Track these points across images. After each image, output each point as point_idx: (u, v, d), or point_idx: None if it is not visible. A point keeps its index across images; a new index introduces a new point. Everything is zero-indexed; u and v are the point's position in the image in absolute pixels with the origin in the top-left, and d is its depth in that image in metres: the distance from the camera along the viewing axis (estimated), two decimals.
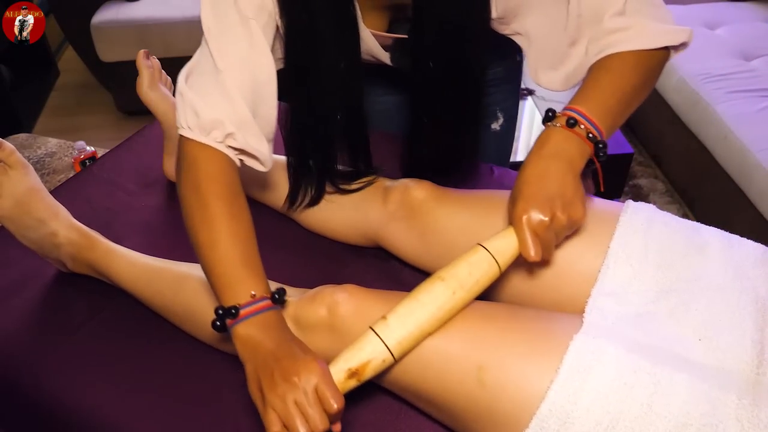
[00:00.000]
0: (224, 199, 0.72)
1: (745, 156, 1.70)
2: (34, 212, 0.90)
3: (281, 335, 0.65)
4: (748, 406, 0.58)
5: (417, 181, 0.91)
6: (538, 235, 0.67)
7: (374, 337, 0.64)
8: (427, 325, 0.66)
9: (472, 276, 0.67)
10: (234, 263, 0.68)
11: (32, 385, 0.84)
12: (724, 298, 0.68)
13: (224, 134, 0.74)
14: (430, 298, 0.66)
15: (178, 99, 0.75)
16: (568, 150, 0.70)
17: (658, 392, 0.60)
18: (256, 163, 0.79)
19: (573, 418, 0.60)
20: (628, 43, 0.74)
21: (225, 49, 0.74)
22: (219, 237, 0.69)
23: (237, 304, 0.65)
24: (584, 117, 0.71)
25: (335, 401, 0.59)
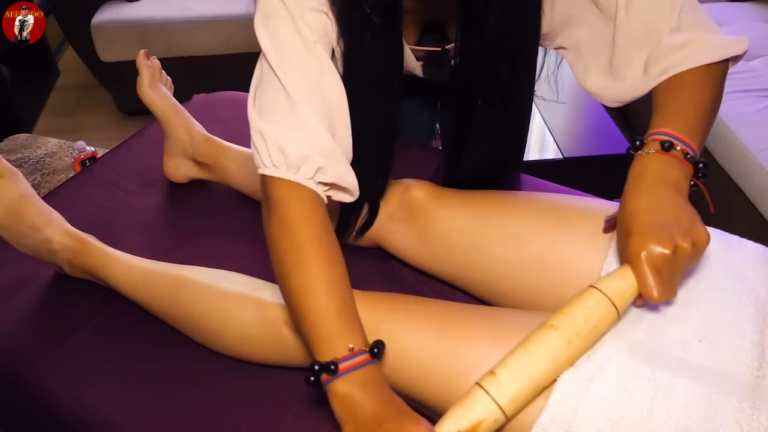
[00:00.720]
0: (318, 242, 0.66)
1: (745, 156, 1.70)
2: (27, 219, 0.89)
3: (382, 395, 0.60)
4: (748, 410, 0.58)
5: (417, 181, 0.91)
6: (660, 271, 0.61)
7: (484, 395, 0.58)
8: (540, 380, 0.60)
9: (589, 323, 0.61)
10: (331, 314, 0.63)
11: (32, 385, 0.84)
12: (724, 300, 0.67)
13: (314, 169, 0.68)
14: (543, 349, 0.60)
15: (256, 137, 0.69)
16: (672, 174, 0.66)
17: (659, 397, 0.60)
18: (345, 195, 0.74)
19: (574, 427, 0.60)
20: (694, 59, 0.72)
21: (295, 77, 0.69)
22: (314, 284, 0.64)
23: (335, 358, 0.60)
24: (676, 138, 0.68)
25: None
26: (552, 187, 1.05)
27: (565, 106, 2.04)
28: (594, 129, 1.96)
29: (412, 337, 0.69)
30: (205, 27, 2.32)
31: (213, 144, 1.10)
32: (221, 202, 1.12)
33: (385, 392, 0.60)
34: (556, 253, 0.76)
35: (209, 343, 0.83)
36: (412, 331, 0.69)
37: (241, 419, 0.76)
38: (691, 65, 0.73)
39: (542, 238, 0.78)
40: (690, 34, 0.73)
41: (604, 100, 0.81)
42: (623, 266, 0.64)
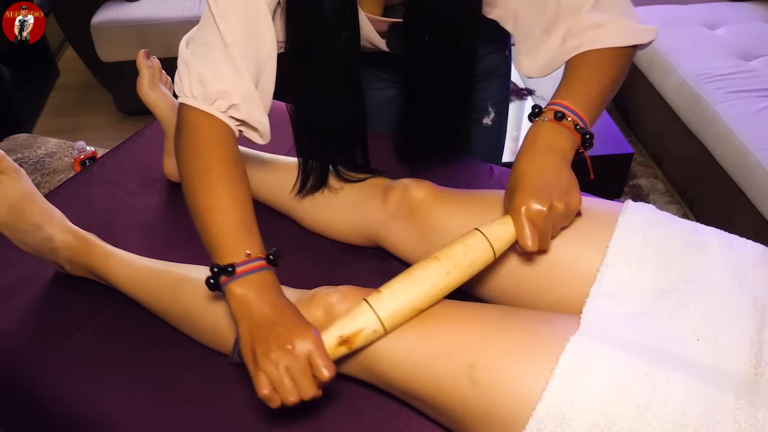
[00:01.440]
0: (225, 165, 0.73)
1: (745, 156, 1.70)
2: (29, 217, 0.90)
3: (277, 299, 0.66)
4: (746, 407, 0.58)
5: (417, 180, 0.91)
6: (536, 225, 0.69)
7: (367, 308, 0.67)
8: (419, 301, 0.68)
9: (467, 257, 0.69)
10: (232, 225, 0.70)
11: (32, 384, 0.84)
12: (723, 299, 0.68)
13: (228, 105, 0.75)
14: (424, 275, 0.68)
15: (181, 67, 0.77)
16: (559, 142, 0.74)
17: (655, 393, 0.60)
18: (255, 135, 0.81)
19: (570, 420, 0.60)
20: (605, 40, 0.78)
21: (232, 22, 0.75)
22: (218, 200, 0.71)
23: (233, 262, 0.66)
24: (570, 110, 0.75)
25: (327, 370, 0.61)
26: None
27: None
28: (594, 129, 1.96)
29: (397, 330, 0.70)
30: None
31: None
32: None
33: (279, 298, 0.67)
34: (556, 252, 0.76)
35: (209, 342, 0.83)
36: None
37: (242, 419, 0.76)
38: (601, 45, 0.78)
39: None
40: (607, 15, 0.79)
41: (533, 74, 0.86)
42: (505, 216, 0.72)
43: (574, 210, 0.72)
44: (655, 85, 2.17)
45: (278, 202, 1.02)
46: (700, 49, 2.09)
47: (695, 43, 2.14)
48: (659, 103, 2.14)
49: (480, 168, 1.12)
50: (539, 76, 0.86)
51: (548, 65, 0.84)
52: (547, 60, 0.83)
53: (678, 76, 2.02)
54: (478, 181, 1.09)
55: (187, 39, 0.79)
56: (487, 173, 1.11)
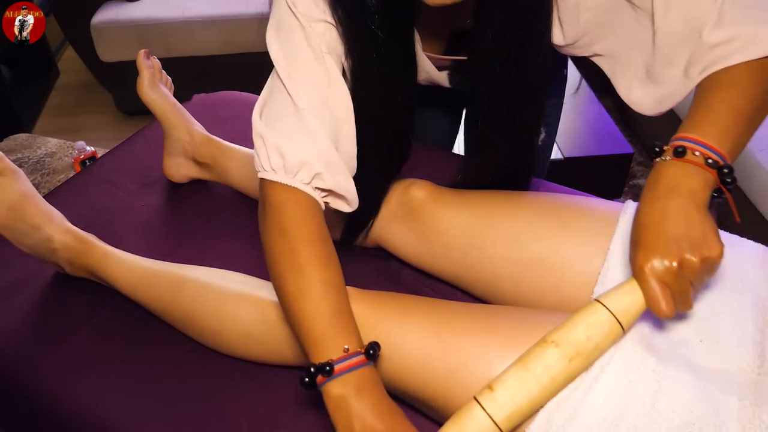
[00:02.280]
0: (313, 244, 0.66)
1: (745, 156, 1.69)
2: (28, 218, 0.90)
3: (380, 401, 0.60)
4: (750, 407, 0.58)
5: (417, 180, 0.91)
6: (668, 285, 0.58)
7: (480, 412, 0.58)
8: (538, 398, 0.59)
9: (591, 341, 0.59)
10: (325, 315, 0.63)
11: (32, 384, 0.84)
12: (725, 299, 0.68)
13: (312, 175, 0.69)
14: (542, 368, 0.59)
15: (257, 140, 0.70)
16: (686, 182, 0.61)
17: (662, 390, 0.60)
18: (342, 203, 0.74)
19: (579, 413, 0.60)
20: (736, 55, 0.66)
21: (303, 86, 0.70)
22: (309, 286, 0.64)
23: (330, 359, 0.59)
24: (696, 143, 0.63)
25: None
26: (552, 187, 1.05)
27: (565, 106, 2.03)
28: (594, 129, 1.96)
29: (410, 335, 0.69)
30: (205, 27, 2.32)
31: (213, 144, 1.10)
32: (221, 202, 1.12)
33: (383, 399, 0.60)
34: (557, 252, 0.76)
35: (209, 343, 0.83)
36: (410, 329, 0.69)
37: (241, 419, 0.76)
38: (732, 62, 0.66)
39: (542, 238, 0.78)
40: (734, 29, 0.66)
41: (645, 109, 0.76)
42: (630, 279, 0.61)
43: (715, 260, 0.58)
44: None
45: None
46: None
47: None
48: None
49: None
50: (655, 113, 0.76)
51: (667, 99, 0.73)
52: (667, 93, 0.73)
53: None
54: None
55: (259, 110, 0.72)
56: None
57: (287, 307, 0.65)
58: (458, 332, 0.69)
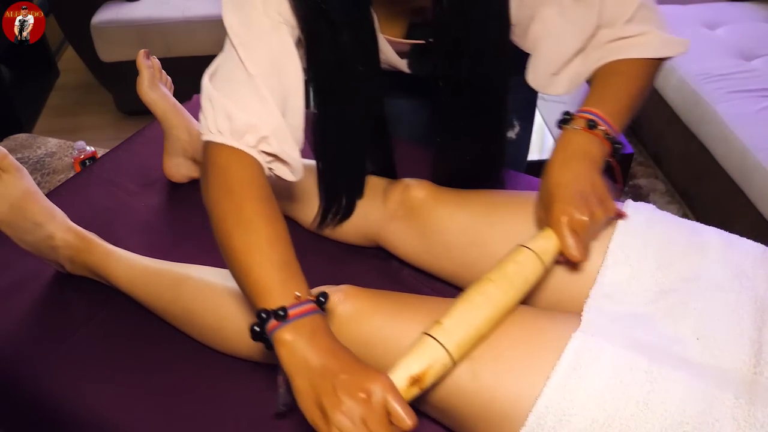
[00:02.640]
0: (259, 202, 0.68)
1: (745, 156, 1.70)
2: (30, 216, 0.90)
3: (332, 344, 0.60)
4: (745, 405, 0.58)
5: (417, 180, 0.91)
6: (579, 234, 0.69)
7: (432, 342, 0.61)
8: (483, 326, 0.64)
9: (521, 275, 0.68)
10: (274, 266, 0.63)
11: (32, 384, 0.84)
12: (723, 298, 0.68)
13: (258, 138, 0.71)
14: (482, 299, 0.65)
15: (204, 103, 0.72)
16: (591, 150, 0.74)
17: (655, 390, 0.60)
18: (286, 170, 0.76)
19: (569, 416, 0.60)
20: (638, 49, 0.78)
21: (256, 54, 0.72)
22: (257, 239, 0.65)
23: (282, 306, 0.60)
24: (601, 119, 0.75)
25: (409, 418, 0.55)
26: None
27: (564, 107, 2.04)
28: None
29: (401, 328, 0.70)
30: (205, 27, 2.32)
31: None
32: None
33: (334, 342, 0.60)
34: None
35: (209, 342, 0.83)
36: (402, 322, 0.70)
37: (242, 419, 0.76)
38: (634, 55, 0.78)
39: None
40: (643, 27, 0.78)
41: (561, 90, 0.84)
42: (545, 229, 0.71)
43: (612, 215, 0.72)
44: (655, 85, 2.17)
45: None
46: (700, 49, 2.09)
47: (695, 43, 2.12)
48: (659, 103, 2.14)
49: None
50: (567, 93, 0.84)
51: (575, 80, 0.83)
52: (574, 75, 0.82)
53: (678, 76, 2.02)
54: None
55: (209, 73, 0.74)
56: None
57: (234, 261, 0.65)
58: None
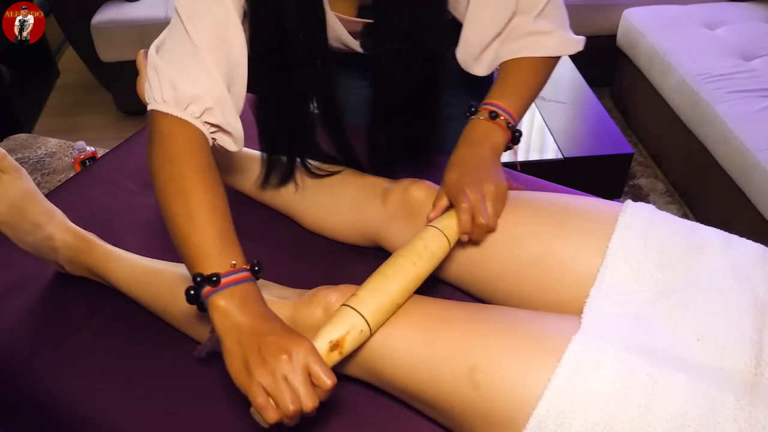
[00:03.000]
0: (201, 171, 0.71)
1: (745, 156, 1.70)
2: (30, 216, 0.90)
3: (263, 310, 0.64)
4: (746, 407, 0.58)
5: (416, 180, 0.91)
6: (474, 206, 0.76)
7: (349, 310, 0.67)
8: (396, 295, 0.70)
9: (428, 249, 0.74)
10: (213, 234, 0.67)
11: (32, 384, 0.84)
12: (723, 299, 0.68)
13: (202, 109, 0.73)
14: (393, 270, 0.72)
15: (151, 73, 0.74)
16: (492, 137, 0.83)
17: (656, 393, 0.60)
18: (229, 141, 0.79)
19: (570, 419, 0.60)
20: (543, 48, 0.86)
21: (201, 26, 0.74)
22: (196, 208, 0.68)
23: (217, 272, 0.64)
24: (503, 110, 0.83)
25: (328, 378, 0.59)
26: (552, 187, 1.05)
27: (565, 106, 2.04)
28: (594, 129, 1.96)
29: (398, 330, 0.70)
30: None
31: None
32: None
33: (265, 309, 0.65)
34: (556, 252, 0.76)
35: None
36: (398, 324, 0.70)
37: (241, 419, 0.76)
38: (537, 54, 0.86)
39: (542, 237, 0.78)
40: (549, 24, 0.86)
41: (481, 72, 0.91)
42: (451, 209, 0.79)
43: (505, 192, 0.79)
44: (655, 85, 2.17)
45: (278, 202, 1.02)
46: (700, 49, 2.09)
47: (695, 43, 2.14)
48: (659, 103, 2.14)
49: None
50: (486, 74, 0.91)
51: (492, 64, 0.90)
52: (492, 58, 0.89)
53: (678, 76, 2.02)
54: None
55: (156, 45, 0.77)
56: None
57: (175, 227, 0.68)
58: (442, 326, 0.70)
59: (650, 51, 2.18)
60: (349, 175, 0.97)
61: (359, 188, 0.94)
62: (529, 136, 1.94)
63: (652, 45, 2.18)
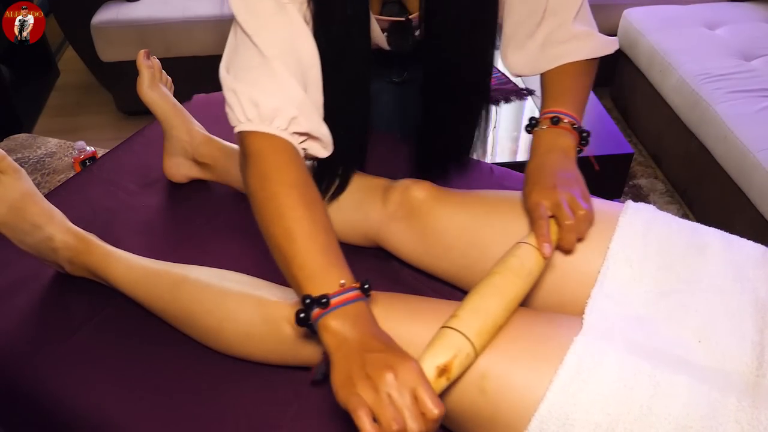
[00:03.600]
0: (297, 187, 0.68)
1: (745, 156, 1.70)
2: (29, 217, 0.90)
3: (373, 329, 0.61)
4: (748, 408, 0.58)
5: (417, 181, 0.91)
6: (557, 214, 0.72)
7: (454, 333, 0.61)
8: (497, 315, 0.65)
9: (525, 267, 0.69)
10: (317, 252, 0.64)
11: (32, 384, 0.84)
12: (724, 300, 0.68)
13: (288, 120, 0.71)
14: (492, 290, 0.66)
15: (228, 96, 0.72)
16: (560, 142, 0.81)
17: (658, 394, 0.60)
18: (318, 147, 0.77)
19: (572, 420, 0.60)
20: (583, 52, 0.87)
21: (268, 37, 0.72)
22: (296, 226, 0.65)
23: (326, 293, 0.60)
24: (563, 113, 0.82)
25: (436, 407, 0.53)
26: None
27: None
28: (594, 129, 1.95)
29: (416, 334, 0.69)
30: (205, 27, 2.32)
31: (213, 144, 1.10)
32: (221, 202, 1.12)
33: (375, 327, 0.61)
34: (556, 252, 0.76)
35: (209, 343, 0.83)
36: (417, 328, 0.70)
37: (241, 419, 0.76)
38: (580, 57, 0.87)
39: None
40: (585, 28, 0.87)
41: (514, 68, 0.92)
42: None
43: (587, 195, 0.75)
44: (655, 85, 2.17)
45: None
46: (700, 49, 2.09)
47: (695, 43, 2.13)
48: (659, 103, 2.14)
49: (480, 168, 1.12)
50: (527, 74, 0.92)
51: (534, 67, 0.90)
52: (531, 61, 0.89)
53: (678, 76, 2.02)
54: (478, 181, 1.09)
55: (225, 66, 0.75)
56: (488, 173, 1.11)
57: (277, 249, 0.65)
58: None
59: (650, 51, 2.18)
60: None
61: (359, 188, 0.94)
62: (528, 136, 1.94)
63: (652, 45, 2.17)
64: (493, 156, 1.82)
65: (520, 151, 1.89)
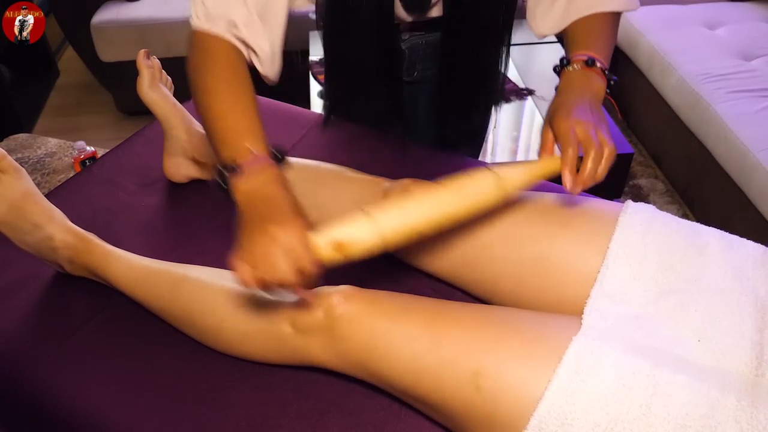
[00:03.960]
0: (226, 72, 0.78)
1: (745, 156, 1.70)
2: (30, 216, 0.90)
3: (280, 190, 0.69)
4: (747, 408, 0.58)
5: (417, 181, 0.91)
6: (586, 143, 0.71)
7: (365, 217, 0.65)
8: (420, 220, 0.67)
9: (472, 188, 0.69)
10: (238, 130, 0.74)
11: (32, 384, 0.84)
12: (724, 299, 0.68)
13: (228, 23, 0.80)
14: (425, 197, 0.68)
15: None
16: (592, 85, 0.80)
17: (657, 394, 0.60)
18: (256, 60, 0.84)
19: (571, 420, 0.60)
20: (609, 4, 0.89)
21: None
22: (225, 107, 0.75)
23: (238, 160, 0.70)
24: (595, 58, 0.82)
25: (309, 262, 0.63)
26: (552, 187, 1.05)
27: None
28: None
29: (404, 330, 0.70)
30: None
31: None
32: (221, 202, 1.12)
33: (284, 190, 0.69)
34: (557, 253, 0.76)
35: (209, 342, 0.83)
36: (404, 325, 0.70)
37: (241, 419, 0.76)
38: (609, 8, 0.89)
39: (542, 238, 0.78)
40: None
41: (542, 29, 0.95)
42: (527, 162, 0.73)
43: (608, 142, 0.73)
44: (655, 85, 2.17)
45: None
46: (700, 49, 2.09)
47: (695, 43, 2.14)
48: (659, 103, 2.14)
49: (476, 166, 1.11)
50: (553, 33, 0.94)
51: (562, 22, 0.92)
52: (559, 18, 0.91)
53: (678, 76, 2.02)
54: None
55: None
56: None
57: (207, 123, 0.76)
58: (449, 328, 0.69)
59: (650, 51, 2.18)
60: (349, 174, 0.97)
61: (359, 187, 0.94)
62: (529, 136, 1.94)
63: (652, 45, 2.18)
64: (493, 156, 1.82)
65: (520, 151, 1.89)
